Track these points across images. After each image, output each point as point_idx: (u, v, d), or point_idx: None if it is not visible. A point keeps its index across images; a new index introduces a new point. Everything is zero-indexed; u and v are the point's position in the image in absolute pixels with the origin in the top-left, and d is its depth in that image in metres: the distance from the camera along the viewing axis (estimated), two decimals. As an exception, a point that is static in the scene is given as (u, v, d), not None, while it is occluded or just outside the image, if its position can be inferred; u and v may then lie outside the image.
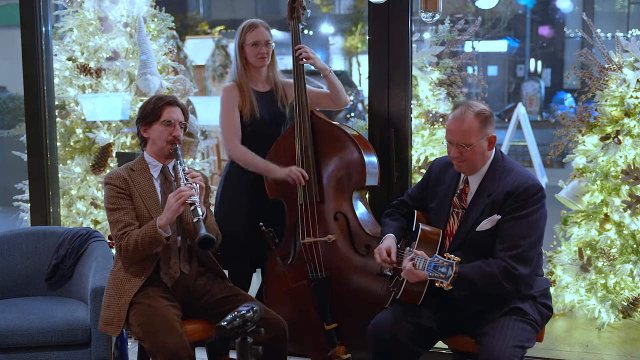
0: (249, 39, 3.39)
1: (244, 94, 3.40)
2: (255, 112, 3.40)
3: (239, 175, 3.45)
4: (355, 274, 3.30)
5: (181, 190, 2.87)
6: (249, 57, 3.42)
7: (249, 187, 3.45)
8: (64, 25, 4.55)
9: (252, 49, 3.39)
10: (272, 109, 3.48)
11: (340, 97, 3.52)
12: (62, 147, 4.56)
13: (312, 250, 3.32)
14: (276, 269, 3.40)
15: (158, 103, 3.08)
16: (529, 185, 2.70)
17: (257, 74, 3.48)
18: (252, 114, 3.40)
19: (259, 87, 3.48)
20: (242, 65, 3.43)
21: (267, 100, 3.47)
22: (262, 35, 3.40)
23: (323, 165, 3.36)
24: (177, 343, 2.74)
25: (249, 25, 3.42)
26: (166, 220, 2.87)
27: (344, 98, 3.54)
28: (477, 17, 7.48)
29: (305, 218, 3.32)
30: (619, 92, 3.98)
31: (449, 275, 2.54)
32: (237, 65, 3.44)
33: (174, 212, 2.86)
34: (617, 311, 4.00)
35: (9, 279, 3.59)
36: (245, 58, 3.43)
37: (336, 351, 3.32)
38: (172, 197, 2.87)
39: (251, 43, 3.39)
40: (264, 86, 3.50)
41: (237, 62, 3.44)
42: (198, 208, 2.82)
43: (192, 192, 2.86)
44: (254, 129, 3.42)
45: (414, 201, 3.06)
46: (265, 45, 3.40)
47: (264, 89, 3.50)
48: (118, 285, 2.98)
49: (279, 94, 3.51)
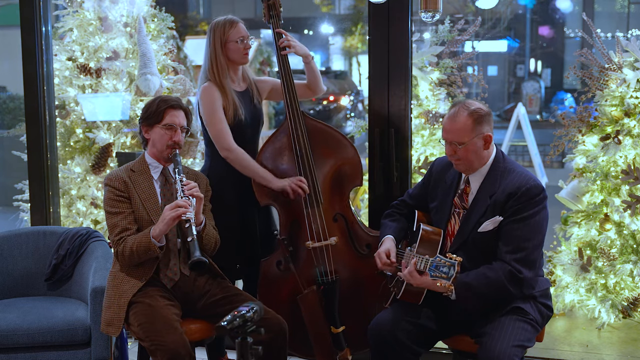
0: (234, 35, 3.29)
1: (226, 94, 3.28)
2: (240, 113, 3.29)
3: (220, 178, 3.32)
4: (358, 275, 3.29)
5: (178, 205, 2.84)
6: (233, 53, 3.30)
7: (232, 189, 3.34)
8: (64, 25, 4.55)
9: (237, 45, 3.29)
10: (249, 108, 3.38)
11: (319, 84, 3.47)
12: (62, 147, 4.55)
13: (323, 254, 3.29)
14: (274, 275, 3.32)
15: (161, 106, 3.05)
16: (531, 186, 2.70)
17: (235, 72, 3.37)
18: (236, 114, 3.28)
19: (236, 86, 3.37)
20: (225, 62, 3.31)
21: (245, 99, 3.37)
22: (244, 30, 3.33)
23: (319, 166, 3.32)
24: (177, 342, 2.74)
25: (230, 22, 3.32)
26: (159, 231, 2.86)
27: (322, 86, 3.51)
28: (477, 17, 7.48)
29: (309, 222, 3.29)
30: (619, 92, 3.98)
31: (451, 275, 2.55)
32: (219, 63, 3.29)
33: (167, 225, 2.86)
34: (617, 311, 4.00)
35: (9, 279, 3.59)
36: (228, 55, 3.31)
37: (344, 354, 3.30)
38: (168, 210, 2.85)
39: (237, 39, 3.29)
40: (240, 85, 3.40)
41: (219, 60, 3.29)
42: (193, 226, 2.80)
43: (188, 209, 2.82)
44: (240, 130, 3.31)
45: (415, 201, 3.06)
46: (248, 40, 3.34)
47: (240, 88, 3.39)
48: (117, 285, 2.98)
49: (254, 91, 3.43)
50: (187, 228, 2.81)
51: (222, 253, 3.18)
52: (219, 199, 3.26)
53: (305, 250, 3.30)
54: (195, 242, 2.77)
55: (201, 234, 2.95)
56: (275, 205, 3.34)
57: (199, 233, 2.92)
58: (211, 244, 3.05)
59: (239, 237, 3.37)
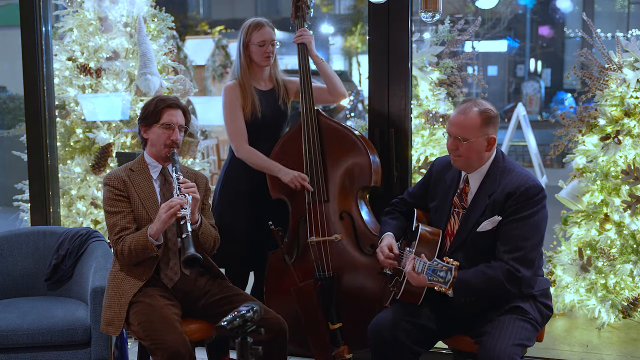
0: (255, 38, 3.38)
1: (245, 93, 3.39)
2: (257, 111, 3.40)
3: (238, 172, 3.45)
4: (360, 274, 3.30)
5: (172, 202, 2.85)
6: (254, 55, 3.41)
7: (249, 183, 3.44)
8: (64, 25, 4.55)
9: (258, 48, 3.39)
10: (273, 108, 3.48)
11: (337, 87, 3.49)
12: (62, 147, 4.55)
13: (321, 249, 3.32)
14: (279, 267, 3.38)
15: (159, 105, 3.06)
16: (530, 186, 2.70)
17: (260, 72, 3.47)
18: (253, 112, 3.40)
19: (260, 86, 3.48)
20: (246, 63, 3.42)
21: (268, 99, 3.47)
22: (269, 34, 3.40)
23: (329, 165, 3.35)
24: (177, 341, 2.74)
25: (255, 24, 3.40)
26: (156, 230, 2.86)
27: (342, 89, 3.51)
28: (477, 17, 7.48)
29: (313, 217, 3.32)
30: (619, 92, 3.98)
31: (448, 280, 2.54)
32: (241, 63, 3.42)
33: (163, 223, 2.85)
34: (617, 311, 4.00)
35: (9, 279, 3.59)
36: (250, 56, 3.42)
37: (340, 351, 3.31)
38: (163, 209, 2.85)
39: (258, 42, 3.38)
40: (265, 84, 3.50)
41: (241, 60, 3.41)
42: (188, 224, 2.80)
43: (184, 206, 2.83)
44: (255, 128, 3.42)
45: (414, 199, 3.06)
46: (271, 44, 3.40)
47: (265, 87, 3.50)
48: (117, 285, 2.98)
49: (281, 92, 3.51)
50: (182, 225, 2.81)
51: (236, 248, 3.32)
52: (235, 193, 3.42)
53: (308, 245, 3.33)
54: (190, 238, 2.76)
55: (197, 232, 2.96)
56: (285, 199, 3.40)
57: (195, 231, 2.92)
58: (209, 243, 3.05)
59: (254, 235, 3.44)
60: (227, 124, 3.43)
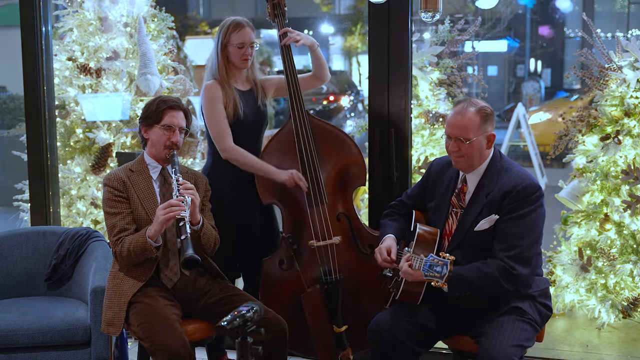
0: (234, 40, 3.27)
1: (227, 92, 3.28)
2: (239, 111, 3.29)
3: (222, 174, 3.34)
4: (361, 275, 3.29)
5: (171, 204, 2.83)
6: (232, 57, 3.30)
7: (232, 185, 3.34)
8: (64, 25, 4.55)
9: (237, 50, 3.28)
10: (253, 108, 3.38)
11: (325, 71, 3.50)
12: (62, 147, 4.56)
13: (328, 253, 3.28)
14: (275, 274, 3.32)
15: (161, 106, 3.05)
16: (526, 184, 2.71)
17: (237, 73, 3.37)
18: (235, 112, 3.28)
19: (239, 86, 3.38)
20: (224, 63, 3.31)
21: (248, 99, 3.38)
22: (248, 36, 3.29)
23: (323, 166, 3.32)
24: (177, 342, 2.74)
25: (235, 25, 3.29)
26: (154, 231, 2.86)
27: (328, 74, 3.54)
28: (477, 17, 7.48)
29: (312, 221, 3.28)
30: (619, 92, 3.98)
31: (444, 274, 2.55)
32: (219, 63, 3.30)
33: (161, 224, 2.85)
34: (617, 311, 4.00)
35: (9, 279, 3.59)
36: (228, 57, 3.31)
37: (345, 353, 3.30)
38: (161, 210, 2.84)
39: (237, 44, 3.27)
40: (244, 85, 3.41)
41: (219, 60, 3.30)
42: (187, 225, 2.79)
43: (182, 207, 2.82)
44: (237, 129, 3.31)
45: (413, 201, 3.06)
46: (250, 46, 3.30)
47: (244, 87, 3.40)
48: (117, 285, 2.98)
49: (259, 92, 3.43)
50: (181, 226, 2.81)
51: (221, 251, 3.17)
52: (219, 197, 3.26)
53: (308, 250, 3.30)
54: (189, 240, 2.75)
55: (199, 234, 2.95)
56: (278, 204, 3.33)
57: (196, 232, 2.92)
58: (210, 244, 3.05)
59: (237, 237, 3.37)
60: (210, 125, 3.29)
